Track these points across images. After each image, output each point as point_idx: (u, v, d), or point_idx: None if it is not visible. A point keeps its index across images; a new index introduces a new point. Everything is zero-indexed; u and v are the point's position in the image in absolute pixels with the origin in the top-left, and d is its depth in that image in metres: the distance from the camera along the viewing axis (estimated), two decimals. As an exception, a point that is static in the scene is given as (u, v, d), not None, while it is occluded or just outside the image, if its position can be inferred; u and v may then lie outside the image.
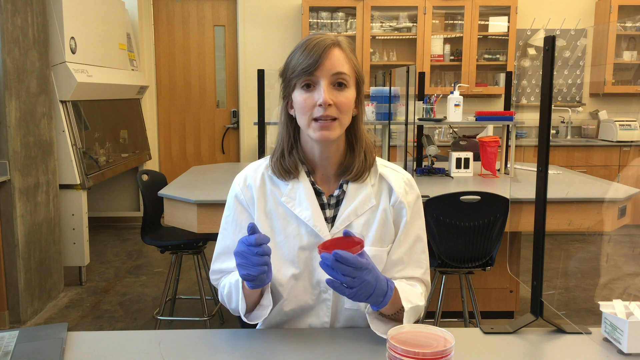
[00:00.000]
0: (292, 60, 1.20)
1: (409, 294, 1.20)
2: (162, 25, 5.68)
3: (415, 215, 1.30)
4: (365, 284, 1.06)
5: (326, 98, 1.15)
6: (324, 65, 1.16)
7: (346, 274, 1.03)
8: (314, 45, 1.17)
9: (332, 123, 1.17)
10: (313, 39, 1.19)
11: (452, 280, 2.94)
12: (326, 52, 1.16)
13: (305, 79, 1.17)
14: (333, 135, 1.19)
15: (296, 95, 1.20)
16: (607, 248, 2.96)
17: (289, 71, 1.20)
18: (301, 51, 1.18)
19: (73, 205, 3.84)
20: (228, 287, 1.25)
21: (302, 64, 1.16)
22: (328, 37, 1.20)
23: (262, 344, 1.18)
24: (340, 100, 1.17)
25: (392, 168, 1.32)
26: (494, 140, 3.22)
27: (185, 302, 3.60)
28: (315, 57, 1.16)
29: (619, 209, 2.59)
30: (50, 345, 1.16)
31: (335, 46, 1.18)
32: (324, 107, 1.15)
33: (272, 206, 1.26)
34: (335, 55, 1.18)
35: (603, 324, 1.19)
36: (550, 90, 1.21)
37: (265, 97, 2.96)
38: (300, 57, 1.18)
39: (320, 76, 1.16)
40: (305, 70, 1.16)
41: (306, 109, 1.18)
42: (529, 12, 5.46)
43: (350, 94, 1.20)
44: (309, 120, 1.18)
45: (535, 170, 1.28)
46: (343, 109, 1.18)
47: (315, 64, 1.16)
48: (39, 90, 3.51)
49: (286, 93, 1.23)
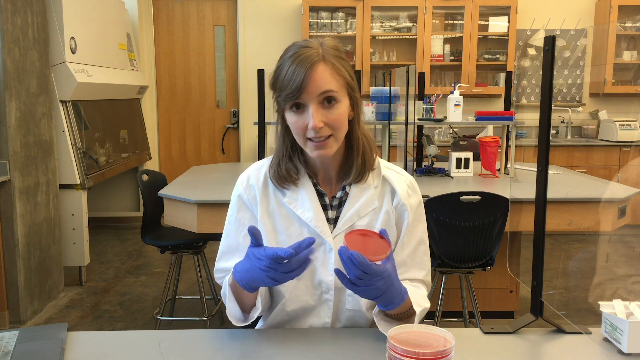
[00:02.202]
0: (278, 76, 1.16)
1: (417, 296, 1.21)
2: (162, 25, 5.68)
3: (418, 218, 1.30)
4: (372, 288, 1.06)
5: (315, 123, 1.12)
6: (309, 88, 1.12)
7: (357, 275, 1.03)
8: (296, 67, 1.12)
9: (326, 141, 1.16)
10: (297, 55, 1.14)
11: (452, 280, 2.94)
12: (309, 74, 1.12)
13: (292, 102, 1.15)
14: (330, 152, 1.18)
15: (288, 116, 1.18)
16: (607, 248, 2.96)
17: (277, 91, 1.17)
18: (285, 70, 1.14)
19: (73, 205, 3.84)
20: (223, 288, 1.27)
21: (287, 88, 1.13)
22: (311, 50, 1.14)
23: (262, 344, 1.18)
24: (331, 118, 1.15)
25: (395, 170, 1.32)
26: (494, 140, 3.22)
27: (185, 302, 3.60)
28: (298, 80, 1.11)
29: (619, 209, 2.59)
30: (50, 345, 1.16)
31: (318, 62, 1.13)
32: (315, 130, 1.14)
33: (275, 206, 1.27)
34: (319, 73, 1.13)
35: (603, 324, 1.19)
36: (550, 90, 1.21)
37: (265, 97, 2.96)
38: (285, 79, 1.13)
39: (306, 99, 1.13)
40: (290, 96, 1.13)
41: (299, 131, 1.17)
42: (529, 12, 5.46)
43: (341, 108, 1.17)
44: (304, 140, 1.17)
45: (535, 170, 1.28)
46: (336, 125, 1.16)
47: (299, 89, 1.11)
48: (39, 90, 3.51)
49: (278, 108, 1.21)
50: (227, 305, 1.24)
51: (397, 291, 1.11)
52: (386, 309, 1.13)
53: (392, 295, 1.10)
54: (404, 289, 1.14)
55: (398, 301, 1.12)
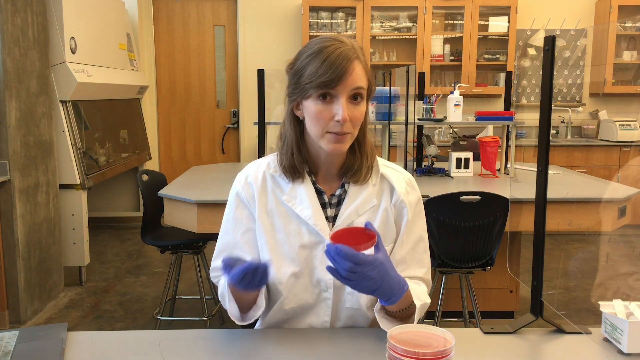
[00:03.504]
0: (309, 64, 1.15)
1: (417, 291, 1.22)
2: (162, 25, 5.68)
3: (418, 215, 1.30)
4: (366, 279, 1.05)
5: (345, 116, 1.13)
6: (346, 81, 1.13)
7: (346, 268, 1.03)
8: (337, 57, 1.13)
9: (345, 137, 1.17)
10: (334, 48, 1.14)
11: (452, 280, 2.94)
12: (349, 68, 1.13)
13: (323, 91, 1.15)
14: (345, 147, 1.19)
15: (310, 104, 1.17)
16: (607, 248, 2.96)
17: (304, 78, 1.16)
18: (320, 60, 1.13)
19: (73, 205, 3.84)
20: (221, 288, 1.26)
21: (323, 76, 1.13)
22: (348, 48, 1.15)
23: (262, 344, 1.18)
24: (355, 115, 1.16)
25: (393, 168, 1.32)
26: (494, 140, 3.22)
27: (185, 302, 3.60)
28: (339, 72, 1.12)
29: (619, 209, 2.59)
30: (50, 345, 1.16)
31: (356, 59, 1.15)
32: (342, 123, 1.14)
33: (273, 204, 1.26)
34: (357, 69, 1.15)
35: (603, 324, 1.19)
36: (550, 90, 1.21)
37: (265, 97, 2.96)
38: (320, 68, 1.13)
39: (340, 91, 1.14)
40: (326, 84, 1.13)
41: (322, 121, 1.16)
42: (529, 12, 5.46)
43: (363, 107, 1.19)
44: (323, 132, 1.17)
45: (535, 170, 1.28)
46: (356, 122, 1.18)
47: (338, 79, 1.12)
48: (39, 90, 3.51)
49: (296, 96, 1.20)
50: (227, 305, 1.24)
51: (395, 281, 1.11)
52: (389, 303, 1.13)
53: (391, 286, 1.10)
54: (403, 280, 1.14)
55: (399, 292, 1.11)
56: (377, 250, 1.08)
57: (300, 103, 1.21)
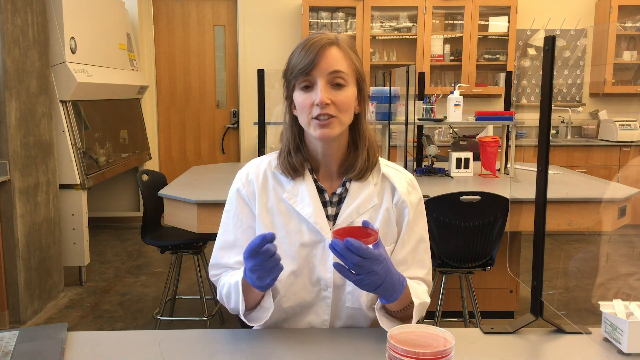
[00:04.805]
0: (291, 60, 1.21)
1: (417, 290, 1.22)
2: (162, 25, 5.68)
3: (419, 216, 1.31)
4: (373, 274, 1.06)
5: (322, 97, 1.16)
6: (320, 65, 1.17)
7: (355, 262, 1.03)
8: (311, 45, 1.18)
9: (330, 120, 1.18)
10: (311, 39, 1.19)
11: (452, 280, 2.94)
12: (322, 52, 1.17)
13: (303, 79, 1.18)
14: (333, 132, 1.19)
15: (296, 96, 1.21)
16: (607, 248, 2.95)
17: (289, 72, 1.21)
18: (299, 51, 1.19)
19: (73, 205, 3.84)
20: (227, 288, 1.25)
21: (299, 64, 1.17)
22: (326, 36, 1.20)
23: (262, 344, 1.17)
24: (339, 99, 1.18)
25: (394, 168, 1.33)
26: (494, 140, 3.22)
27: (185, 302, 3.60)
28: (311, 56, 1.16)
29: (619, 209, 2.59)
30: (50, 345, 1.16)
31: (332, 45, 1.19)
32: (321, 106, 1.16)
33: (274, 202, 1.26)
34: (332, 54, 1.18)
35: (603, 324, 1.19)
36: (550, 90, 1.21)
37: (265, 97, 2.96)
38: (297, 58, 1.19)
39: (317, 76, 1.17)
40: (302, 71, 1.17)
41: (305, 109, 1.19)
42: (529, 12, 5.46)
43: (349, 92, 1.20)
44: (309, 119, 1.19)
45: (535, 170, 1.28)
46: (342, 107, 1.18)
47: (311, 64, 1.16)
48: (39, 90, 3.51)
49: (288, 94, 1.24)
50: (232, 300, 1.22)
51: (396, 277, 1.12)
52: (390, 301, 1.13)
53: (393, 282, 1.10)
54: (402, 276, 1.14)
55: (399, 288, 1.12)
56: (377, 246, 1.08)
57: (292, 100, 1.23)
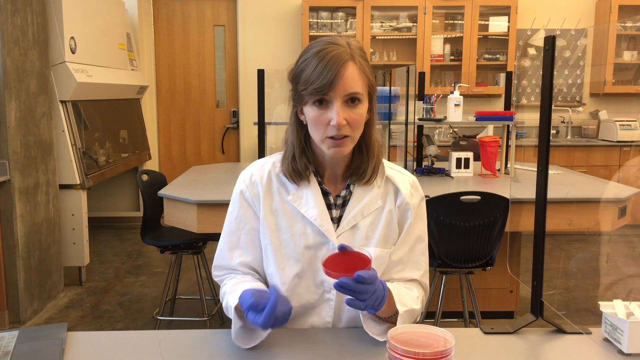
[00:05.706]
0: (304, 70, 1.16)
1: (404, 297, 1.20)
2: (162, 25, 5.68)
3: (419, 217, 1.31)
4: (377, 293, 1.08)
5: (340, 120, 1.13)
6: (338, 87, 1.12)
7: (368, 291, 1.05)
8: (328, 61, 1.12)
9: (344, 140, 1.16)
10: (327, 52, 1.13)
11: (452, 280, 2.94)
12: (340, 72, 1.12)
13: (317, 97, 1.14)
14: (345, 151, 1.19)
15: (308, 110, 1.17)
16: (607, 248, 2.96)
17: (300, 84, 1.16)
18: (314, 64, 1.13)
19: (73, 205, 3.83)
20: (225, 303, 1.22)
21: (315, 83, 1.12)
22: (341, 47, 1.15)
23: (263, 344, 1.17)
24: (353, 118, 1.15)
25: (397, 170, 1.33)
26: (494, 140, 3.22)
27: (185, 302, 3.60)
28: (329, 77, 1.11)
29: (619, 209, 2.59)
30: (50, 345, 1.15)
31: (348, 61, 1.14)
32: (338, 127, 1.14)
33: (279, 204, 1.26)
34: (349, 73, 1.13)
35: (603, 324, 1.19)
36: (550, 90, 1.21)
37: (265, 97, 2.96)
38: (313, 73, 1.13)
39: (333, 96, 1.13)
40: (317, 91, 1.13)
41: (319, 126, 1.16)
42: (529, 12, 5.46)
43: (362, 109, 1.17)
44: (323, 137, 1.17)
45: (535, 170, 1.27)
46: (355, 125, 1.17)
47: (329, 85, 1.12)
48: (39, 90, 3.51)
49: (297, 102, 1.20)
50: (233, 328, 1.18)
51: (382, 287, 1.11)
52: (377, 310, 1.12)
53: (384, 293, 1.11)
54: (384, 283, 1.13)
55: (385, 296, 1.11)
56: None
57: (301, 108, 1.21)
